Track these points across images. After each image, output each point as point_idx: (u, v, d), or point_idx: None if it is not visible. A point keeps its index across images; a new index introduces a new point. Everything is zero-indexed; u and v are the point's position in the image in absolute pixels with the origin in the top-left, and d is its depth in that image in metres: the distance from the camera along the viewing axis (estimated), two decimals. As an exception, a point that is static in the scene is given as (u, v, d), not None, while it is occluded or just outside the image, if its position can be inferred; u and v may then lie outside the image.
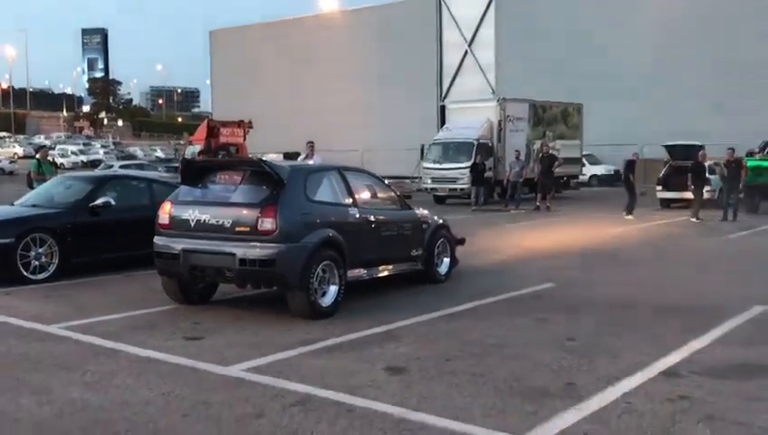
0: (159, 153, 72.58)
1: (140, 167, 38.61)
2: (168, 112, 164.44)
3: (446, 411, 5.12)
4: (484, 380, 5.87)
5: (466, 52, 48.65)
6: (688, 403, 5.32)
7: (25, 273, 9.86)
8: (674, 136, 28.76)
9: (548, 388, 5.68)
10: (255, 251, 7.64)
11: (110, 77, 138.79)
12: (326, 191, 8.52)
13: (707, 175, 21.73)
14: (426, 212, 10.39)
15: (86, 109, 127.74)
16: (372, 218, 8.95)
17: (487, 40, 47.34)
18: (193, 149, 28.01)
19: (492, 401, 5.35)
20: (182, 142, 65.01)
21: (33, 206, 10.87)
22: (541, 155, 26.25)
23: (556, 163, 26.09)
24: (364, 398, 5.41)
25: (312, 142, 17.19)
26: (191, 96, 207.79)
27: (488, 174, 26.18)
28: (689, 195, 22.32)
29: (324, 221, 8.18)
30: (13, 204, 11.38)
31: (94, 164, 63.02)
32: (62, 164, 59.33)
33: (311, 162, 14.30)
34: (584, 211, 23.53)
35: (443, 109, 47.38)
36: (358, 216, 8.73)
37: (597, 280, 10.65)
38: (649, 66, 40.20)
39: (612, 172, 39.41)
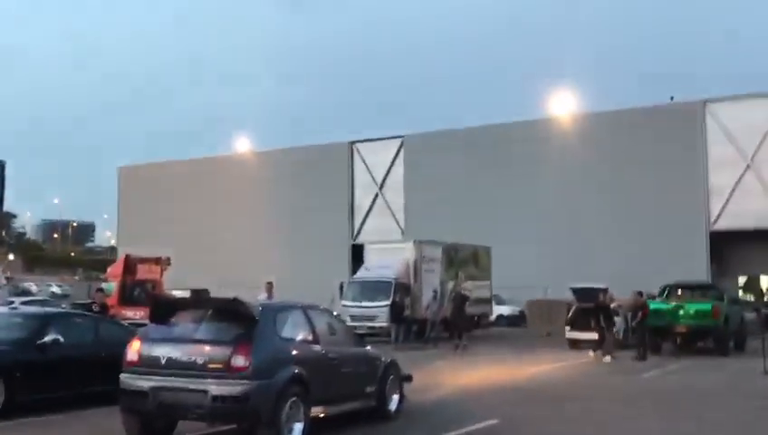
0: (55, 289, 70.06)
1: (43, 303, 37.35)
2: (62, 247, 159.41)
3: None
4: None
5: (377, 194, 50.45)
6: None
7: (-31, 412, 9.57)
8: (576, 278, 30.37)
9: None
10: (228, 388, 7.83)
11: (4, 210, 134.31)
12: (292, 329, 8.87)
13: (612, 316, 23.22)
14: (377, 350, 10.79)
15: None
16: (333, 356, 9.29)
17: (397, 183, 49.38)
18: (108, 286, 27.56)
19: None
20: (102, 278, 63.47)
21: (-23, 342, 10.62)
22: (453, 294, 27.32)
23: (467, 303, 27.13)
24: None
25: (271, 282, 17.56)
26: (85, 230, 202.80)
27: (406, 312, 26.84)
28: (596, 335, 23.64)
29: (292, 358, 8.48)
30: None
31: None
32: (-52, 300, 56.39)
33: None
34: (500, 349, 24.30)
35: (354, 248, 48.63)
36: (321, 352, 9.06)
37: (536, 416, 11.16)
38: (551, 212, 42.78)
39: (517, 313, 40.92)
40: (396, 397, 10.68)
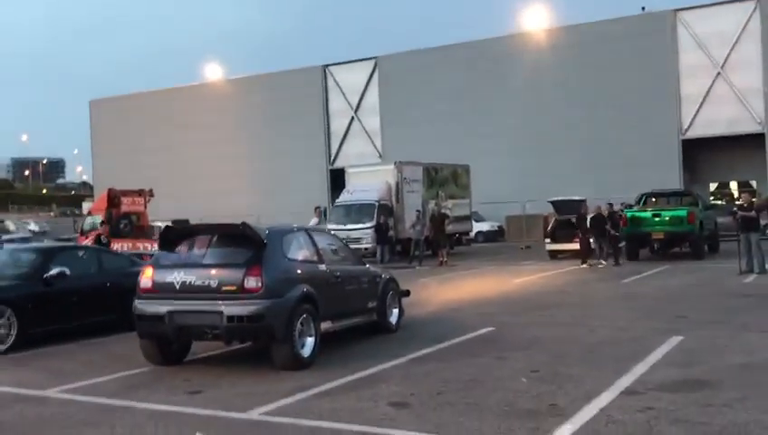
0: (33, 226, 69.69)
1: (25, 240, 37.36)
2: (34, 184, 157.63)
3: (464, 433, 5.91)
4: (480, 408, 6.70)
5: (353, 118, 50.36)
6: (656, 412, 6.34)
7: (-15, 345, 9.90)
8: (553, 192, 30.92)
9: (538, 409, 6.58)
10: (243, 308, 8.20)
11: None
12: (298, 250, 9.23)
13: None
14: (376, 268, 11.21)
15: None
16: (337, 274, 9.69)
17: (372, 106, 49.29)
18: (93, 220, 27.69)
19: (497, 423, 6.19)
20: (79, 213, 63.16)
21: (-16, 278, 10.88)
22: (433, 214, 27.92)
23: (447, 221, 27.75)
24: (387, 428, 6.11)
25: (320, 206, 18.15)
26: (55, 167, 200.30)
27: (390, 233, 27.36)
28: (574, 246, 24.44)
29: (300, 277, 8.85)
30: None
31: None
32: (-74, 241, 56.04)
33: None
34: (481, 264, 25.01)
35: (332, 173, 48.87)
36: (326, 271, 9.46)
37: (529, 322, 11.75)
38: (525, 128, 43.16)
39: (496, 228, 41.72)
40: (395, 311, 11.17)
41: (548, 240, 26.73)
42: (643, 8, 44.91)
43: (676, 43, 41.29)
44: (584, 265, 22.19)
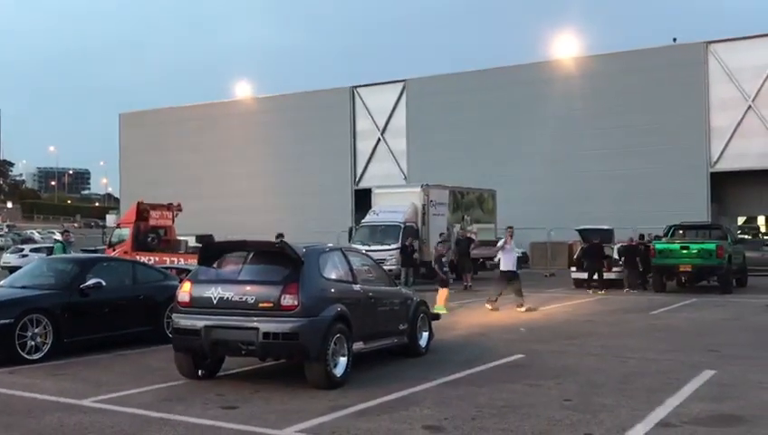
0: (57, 236, 70.52)
1: (50, 250, 37.77)
2: (59, 194, 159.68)
3: (501, 458, 5.92)
4: (515, 434, 6.70)
5: (379, 139, 50.61)
6: (693, 446, 6.32)
7: (22, 353, 10.03)
8: (579, 220, 30.85)
9: (574, 438, 6.57)
10: (279, 325, 8.28)
11: (2, 158, 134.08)
12: (333, 269, 9.30)
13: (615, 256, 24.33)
14: (408, 290, 11.26)
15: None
16: (371, 294, 9.75)
17: (399, 128, 49.53)
18: (121, 233, 27.97)
19: (534, 450, 6.19)
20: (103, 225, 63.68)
21: (23, 287, 11.05)
22: (458, 237, 27.90)
23: (472, 245, 27.70)
24: (424, 450, 6.14)
25: (512, 227, 18.27)
26: (81, 178, 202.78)
27: (415, 255, 27.35)
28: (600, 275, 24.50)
29: (334, 296, 8.92)
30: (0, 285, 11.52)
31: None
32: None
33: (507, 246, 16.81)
34: (507, 290, 24.84)
35: (357, 193, 49.05)
36: (360, 291, 9.52)
37: (558, 351, 11.71)
38: (553, 155, 43.13)
39: (520, 254, 41.50)
40: (426, 334, 11.19)
41: (573, 268, 26.62)
42: (675, 39, 44.94)
43: (707, 74, 41.17)
44: (598, 292, 22.42)
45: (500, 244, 18.20)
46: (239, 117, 55.17)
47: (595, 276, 23.68)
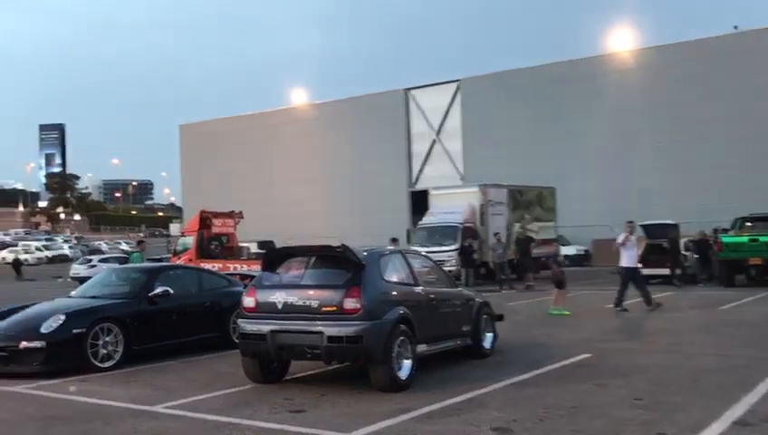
0: (125, 246, 72.36)
1: (119, 261, 38.77)
2: (124, 205, 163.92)
3: (573, 459, 5.83)
4: None
5: (434, 140, 50.53)
6: (773, 445, 6.12)
7: (94, 361, 10.30)
8: (641, 216, 30.17)
9: (647, 438, 6.43)
10: (342, 329, 8.33)
11: (68, 171, 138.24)
12: (395, 272, 9.31)
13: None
14: (470, 291, 11.20)
15: (42, 204, 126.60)
16: (433, 296, 9.73)
17: (454, 128, 49.37)
18: (185, 241, 28.56)
19: (606, 450, 6.08)
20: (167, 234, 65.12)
21: (93, 297, 11.35)
22: (518, 237, 27.63)
23: (533, 244, 27.40)
24: (493, 452, 6.08)
25: (633, 221, 17.71)
26: (144, 189, 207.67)
27: (475, 256, 27.20)
28: (666, 271, 24.03)
29: (397, 299, 8.93)
30: (70, 296, 11.86)
31: (59, 259, 62.53)
32: (26, 260, 58.82)
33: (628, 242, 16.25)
34: (570, 289, 24.46)
35: (413, 195, 49.01)
36: (422, 293, 9.51)
37: (626, 349, 11.49)
38: (611, 149, 42.40)
39: (583, 252, 40.97)
40: (489, 335, 11.10)
41: (639, 265, 26.06)
42: (736, 27, 43.69)
43: (771, 62, 39.89)
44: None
45: (619, 239, 17.41)
46: (295, 124, 55.79)
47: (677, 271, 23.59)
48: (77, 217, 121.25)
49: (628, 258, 17.38)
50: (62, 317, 10.26)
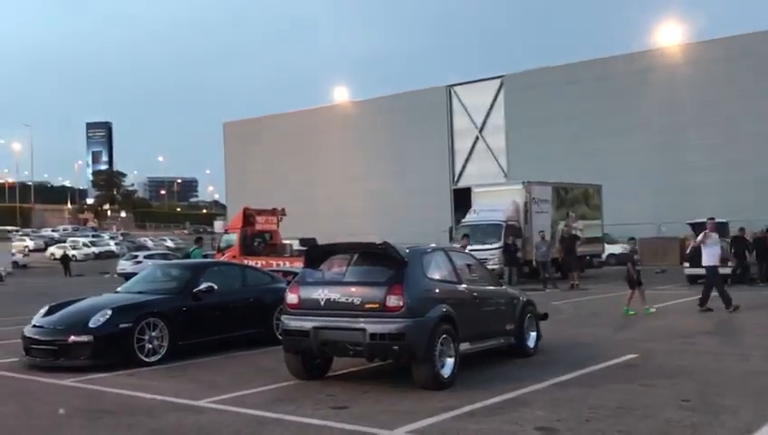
0: (170, 243, 73.42)
1: (164, 256, 39.35)
2: (168, 202, 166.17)
3: (619, 461, 5.73)
4: (633, 436, 6.48)
5: (477, 137, 50.28)
6: (828, 450, 5.94)
7: (140, 355, 10.44)
8: (688, 214, 29.64)
9: (695, 440, 6.29)
10: (385, 326, 8.31)
11: (114, 169, 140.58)
12: (437, 269, 9.26)
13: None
14: (514, 289, 11.10)
15: (90, 201, 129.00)
16: (476, 294, 9.66)
17: (497, 125, 49.07)
18: (228, 238, 28.81)
19: (653, 452, 5.96)
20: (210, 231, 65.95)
21: (139, 293, 11.52)
22: (563, 235, 27.28)
23: (578, 242, 27.05)
24: (537, 452, 6.01)
25: (713, 218, 17.28)
26: (188, 186, 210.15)
27: (518, 254, 26.99)
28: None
29: (439, 297, 8.88)
30: (117, 291, 12.06)
31: (105, 255, 63.68)
32: (74, 256, 59.99)
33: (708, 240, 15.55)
34: (615, 288, 24.12)
35: (456, 192, 48.87)
36: (465, 291, 9.44)
37: (673, 349, 11.28)
38: (658, 146, 41.72)
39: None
40: (533, 334, 10.99)
41: (686, 264, 25.61)
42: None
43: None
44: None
45: (699, 238, 17.03)
46: (338, 121, 56.01)
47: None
48: (123, 213, 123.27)
49: (709, 256, 16.71)
50: (109, 312, 10.43)
